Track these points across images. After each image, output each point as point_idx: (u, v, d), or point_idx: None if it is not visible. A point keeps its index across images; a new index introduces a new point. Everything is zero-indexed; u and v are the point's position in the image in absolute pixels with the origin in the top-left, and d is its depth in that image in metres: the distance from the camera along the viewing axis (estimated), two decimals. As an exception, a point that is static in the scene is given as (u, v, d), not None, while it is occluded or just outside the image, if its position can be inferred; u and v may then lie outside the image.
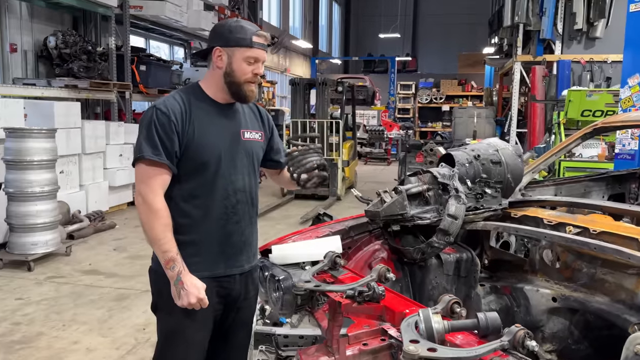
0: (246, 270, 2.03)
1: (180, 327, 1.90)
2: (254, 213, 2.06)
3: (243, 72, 1.87)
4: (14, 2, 7.55)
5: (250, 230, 2.04)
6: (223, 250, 1.94)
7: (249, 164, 2.00)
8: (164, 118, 1.82)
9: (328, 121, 8.96)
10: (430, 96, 21.04)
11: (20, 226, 5.15)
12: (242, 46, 1.86)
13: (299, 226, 7.15)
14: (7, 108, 5.56)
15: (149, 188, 1.81)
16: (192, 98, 1.91)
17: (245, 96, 1.92)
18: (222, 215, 1.92)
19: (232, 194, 1.94)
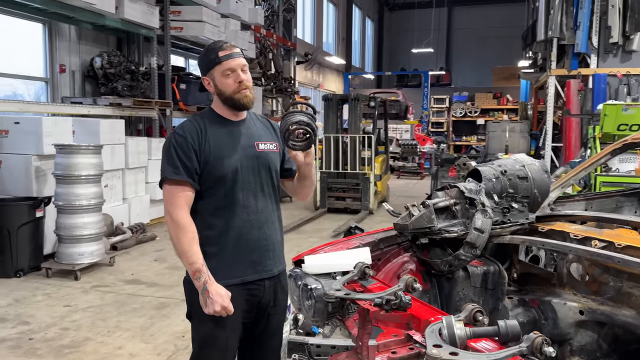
0: (275, 275, 2.14)
1: (213, 334, 2.02)
2: (275, 218, 2.18)
3: (227, 85, 2.02)
4: (63, 25, 8.02)
5: (274, 234, 2.15)
6: (249, 257, 2.06)
7: (267, 173, 2.12)
8: (181, 140, 1.99)
9: (360, 136, 9.08)
10: (464, 110, 20.90)
11: (68, 237, 5.44)
12: (214, 66, 2.01)
13: (331, 239, 7.26)
14: (57, 126, 5.90)
15: (174, 206, 1.98)
16: (206, 120, 2.08)
17: (242, 104, 2.05)
18: (245, 224, 2.05)
19: (252, 203, 2.07)
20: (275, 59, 14.05)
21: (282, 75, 14.21)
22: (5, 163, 5.78)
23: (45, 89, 8.18)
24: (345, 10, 23.68)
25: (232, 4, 10.75)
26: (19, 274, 5.28)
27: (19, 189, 5.74)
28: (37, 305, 4.56)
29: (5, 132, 5.80)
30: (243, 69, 2.03)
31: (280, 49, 14.54)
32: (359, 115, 9.22)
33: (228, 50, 2.01)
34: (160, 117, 8.53)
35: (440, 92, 22.33)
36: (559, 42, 9.46)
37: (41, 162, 5.77)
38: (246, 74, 2.04)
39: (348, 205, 9.26)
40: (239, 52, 2.04)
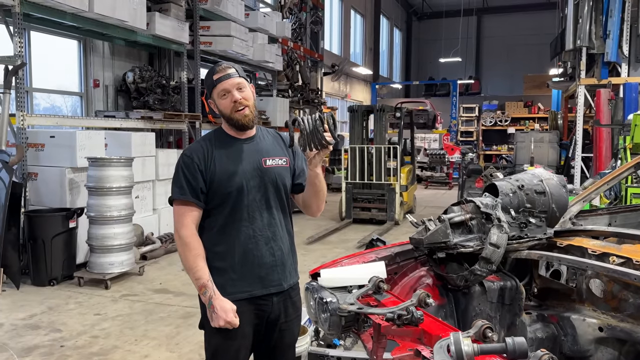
0: (284, 290, 2.18)
1: (223, 345, 2.09)
2: (285, 233, 2.21)
3: (225, 106, 2.08)
4: (97, 42, 8.34)
5: (283, 250, 2.19)
6: (257, 272, 2.11)
7: (274, 189, 2.15)
8: (188, 160, 2.08)
9: (386, 146, 9.09)
10: (494, 118, 20.63)
11: (99, 247, 5.62)
12: (212, 89, 2.10)
13: (356, 250, 7.28)
14: (90, 139, 6.12)
15: (180, 224, 2.07)
16: (214, 139, 2.15)
17: (241, 124, 2.10)
18: (251, 240, 2.10)
19: (258, 219, 2.11)
20: (302, 71, 14.20)
21: (309, 86, 14.35)
22: (41, 175, 6.03)
23: (80, 103, 8.50)
24: (372, 21, 23.78)
25: (260, 18, 10.97)
26: (52, 283, 5.48)
27: (54, 200, 5.97)
28: (69, 313, 4.72)
29: (42, 145, 6.05)
30: (239, 88, 2.07)
31: (307, 60, 14.70)
32: (384, 125, 9.23)
33: (222, 72, 2.07)
34: (189, 129, 8.73)
35: (469, 101, 22.12)
36: (588, 51, 9.29)
37: (75, 174, 5.99)
38: (243, 92, 2.08)
39: (374, 216, 9.25)
40: (234, 72, 2.08)
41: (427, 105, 18.31)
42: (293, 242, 2.30)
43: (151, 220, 7.14)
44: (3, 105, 5.82)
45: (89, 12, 6.46)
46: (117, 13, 6.85)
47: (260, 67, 11.77)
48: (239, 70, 2.11)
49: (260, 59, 10.68)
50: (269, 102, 11.75)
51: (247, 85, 2.12)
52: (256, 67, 11.69)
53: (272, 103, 11.67)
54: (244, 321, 2.05)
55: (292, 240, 2.28)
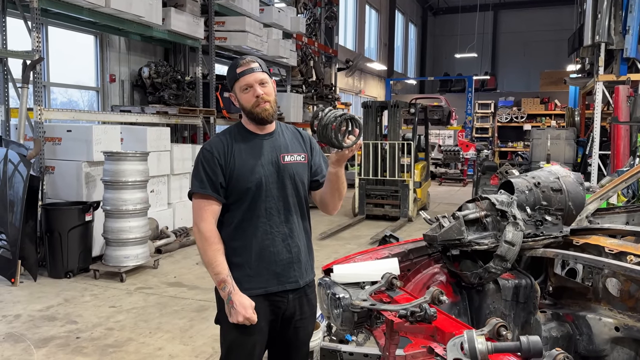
0: (300, 287, 2.18)
1: (239, 340, 2.10)
2: (301, 230, 2.20)
3: (246, 101, 2.08)
4: (113, 37, 8.41)
5: (300, 247, 2.18)
6: (273, 269, 2.11)
7: (292, 185, 2.15)
8: (208, 155, 2.08)
9: (400, 143, 9.05)
10: (510, 115, 20.40)
11: (114, 240, 5.69)
12: (235, 82, 2.09)
13: (368, 246, 7.26)
14: (106, 134, 6.19)
15: (200, 218, 2.07)
16: (234, 134, 2.15)
17: (261, 118, 2.09)
18: (268, 236, 2.10)
19: (276, 215, 2.11)
20: (317, 66, 14.18)
21: (323, 82, 14.32)
22: (58, 169, 6.11)
23: (96, 97, 8.59)
24: (387, 16, 23.63)
25: (275, 14, 10.96)
26: (69, 275, 5.56)
27: (70, 194, 6.05)
28: (85, 305, 4.79)
29: (59, 139, 6.13)
30: (262, 84, 2.07)
31: (321, 56, 14.67)
32: (398, 121, 9.19)
33: (245, 66, 2.06)
34: (204, 124, 8.77)
35: (485, 97, 21.90)
36: (606, 47, 9.12)
37: (91, 168, 6.06)
38: (265, 87, 2.07)
39: (387, 213, 9.23)
40: (257, 67, 2.07)
41: (442, 101, 18.15)
42: (310, 240, 2.29)
43: (166, 214, 7.19)
44: (21, 99, 5.90)
45: (106, 7, 6.51)
46: (133, 8, 6.90)
47: (274, 63, 11.75)
48: (262, 65, 2.11)
49: (274, 54, 10.68)
50: (282, 97, 11.75)
51: (270, 80, 2.11)
52: (270, 62, 11.67)
53: (286, 98, 11.67)
54: (260, 317, 2.07)
55: (309, 238, 2.27)
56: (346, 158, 2.04)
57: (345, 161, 2.06)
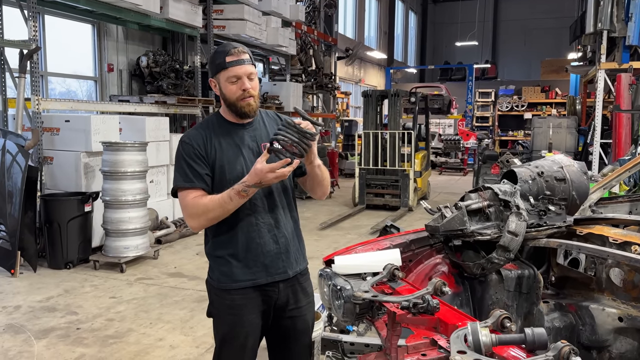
0: (289, 277, 2.13)
1: (231, 332, 2.08)
2: (288, 219, 2.15)
3: (231, 92, 2.00)
4: (111, 26, 8.33)
5: (287, 237, 2.13)
6: (260, 260, 2.06)
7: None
8: (188, 147, 2.02)
9: (400, 132, 9.00)
10: (511, 104, 20.33)
11: (114, 231, 5.67)
12: (221, 70, 1.99)
13: (369, 236, 7.25)
14: (104, 123, 6.14)
15: (200, 207, 1.97)
16: (213, 125, 2.09)
17: (243, 112, 2.03)
18: (254, 227, 2.05)
19: (260, 206, 2.05)
20: (316, 55, 14.08)
21: (322, 71, 14.23)
22: (57, 160, 6.08)
23: (94, 87, 8.52)
24: (387, 4, 23.45)
25: (274, 1, 10.84)
26: (68, 266, 5.55)
27: (69, 184, 6.02)
28: (85, 296, 4.78)
29: (57, 129, 6.09)
30: (250, 77, 2.00)
31: (321, 44, 14.56)
32: (398, 111, 9.14)
33: (236, 56, 1.98)
34: (203, 114, 8.71)
35: (485, 86, 21.82)
36: (609, 35, 9.03)
37: (90, 158, 6.03)
38: (252, 81, 2.01)
39: (387, 202, 9.21)
40: (247, 59, 2.00)
41: (443, 90, 18.08)
42: (298, 228, 2.24)
43: (165, 205, 7.17)
44: (18, 89, 5.85)
45: (103, -5, 6.44)
46: (130, -4, 6.82)
47: (273, 52, 11.68)
48: (251, 57, 2.05)
49: (273, 43, 10.59)
50: (282, 86, 11.69)
51: (256, 74, 2.06)
52: (269, 51, 11.61)
53: (286, 88, 11.61)
54: (250, 308, 2.05)
55: (297, 226, 2.22)
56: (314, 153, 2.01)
57: (315, 155, 2.02)
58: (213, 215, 1.96)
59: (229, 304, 2.07)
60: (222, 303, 2.09)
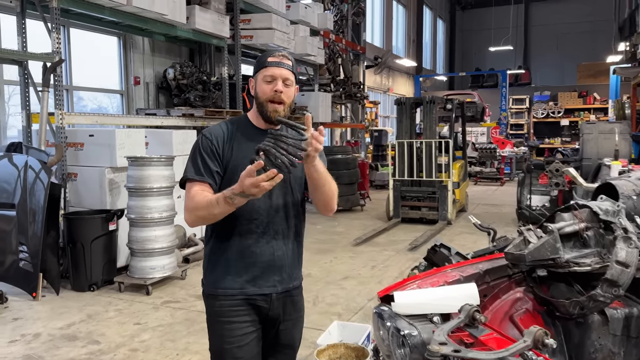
0: (279, 292, 2.04)
1: (223, 345, 2.02)
2: (291, 233, 2.07)
3: (263, 91, 1.96)
4: (137, 38, 8.15)
5: (285, 250, 2.05)
6: (251, 271, 2.00)
7: (284, 184, 1.95)
8: (206, 142, 1.99)
9: (436, 141, 8.54)
10: (547, 110, 19.60)
11: (140, 251, 5.37)
12: (261, 68, 1.98)
13: (407, 253, 6.79)
14: (130, 137, 5.88)
15: (193, 202, 1.90)
16: (237, 126, 2.05)
17: (269, 116, 1.97)
18: (251, 235, 1.99)
19: (262, 214, 1.99)
20: (344, 64, 13.74)
21: (351, 80, 13.88)
22: (81, 176, 5.84)
23: (121, 101, 8.35)
24: (415, 12, 23.05)
25: (302, 10, 10.58)
26: (92, 288, 5.27)
27: (94, 201, 5.77)
28: (108, 322, 4.46)
29: (81, 145, 5.86)
30: (286, 82, 1.96)
31: (349, 53, 14.22)
32: (434, 118, 8.68)
33: (278, 58, 1.97)
34: (230, 126, 8.43)
35: (519, 92, 21.15)
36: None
37: (114, 174, 5.76)
38: (287, 88, 1.96)
39: (424, 215, 8.72)
40: (288, 65, 1.98)
41: (475, 97, 17.50)
42: (300, 244, 2.15)
43: (193, 221, 6.85)
44: (42, 103, 5.65)
45: (128, 5, 6.22)
46: (156, 6, 6.60)
47: (301, 61, 11.38)
48: (294, 66, 2.02)
49: (302, 52, 10.29)
50: (310, 97, 11.36)
51: (294, 84, 2.01)
52: (297, 61, 11.31)
53: (314, 98, 11.28)
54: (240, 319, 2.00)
55: (299, 241, 2.13)
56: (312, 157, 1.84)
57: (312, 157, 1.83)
58: (201, 214, 1.90)
59: (217, 311, 2.03)
60: (211, 310, 2.05)
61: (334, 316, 4.51)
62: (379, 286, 5.30)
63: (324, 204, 2.05)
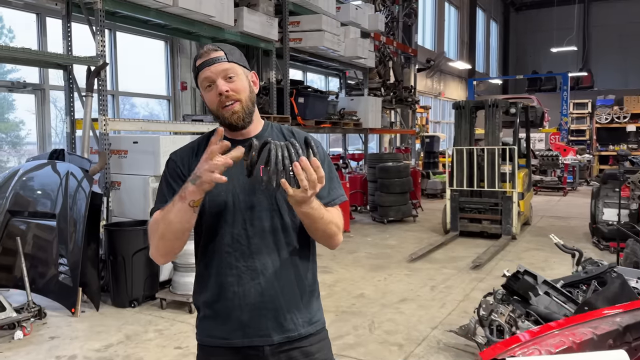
0: (276, 343, 1.60)
1: None
2: (284, 266, 1.63)
3: (210, 101, 1.61)
4: (184, 42, 7.94)
5: (277, 289, 1.62)
6: (237, 316, 1.61)
7: (271, 206, 1.62)
8: (172, 165, 1.70)
9: (500, 148, 7.87)
10: (611, 115, 18.33)
11: (183, 265, 5.02)
12: (196, 77, 1.64)
13: (470, 272, 6.18)
14: (174, 144, 5.57)
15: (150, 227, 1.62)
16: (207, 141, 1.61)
17: (229, 124, 1.62)
18: (233, 271, 1.61)
19: (245, 244, 1.61)
20: (395, 67, 13.22)
21: (401, 84, 13.34)
22: (124, 185, 5.59)
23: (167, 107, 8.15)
24: (468, 13, 22.22)
25: (352, 11, 10.18)
26: (133, 304, 4.97)
27: (137, 211, 5.50)
28: (147, 344, 4.12)
29: (125, 152, 5.62)
30: (227, 77, 1.58)
31: (400, 56, 13.68)
32: (497, 123, 8.02)
33: (205, 56, 1.60)
34: (278, 132, 8.08)
35: (580, 96, 19.92)
36: None
37: (158, 183, 5.47)
38: (232, 81, 1.58)
39: (485, 229, 8.04)
40: (220, 56, 1.58)
41: (534, 101, 16.52)
42: (302, 279, 1.67)
43: (239, 233, 6.51)
44: (85, 109, 5.45)
45: (174, 6, 5.98)
46: (203, 7, 6.33)
47: (350, 65, 10.96)
48: (231, 53, 1.61)
49: (352, 54, 9.86)
50: (360, 101, 10.93)
51: (241, 72, 1.62)
52: (347, 64, 10.90)
53: (364, 103, 10.83)
54: None
55: (300, 275, 1.67)
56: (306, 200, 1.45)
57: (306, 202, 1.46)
58: (160, 231, 1.55)
59: None
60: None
61: (393, 347, 4.00)
62: (441, 311, 4.75)
63: (322, 242, 1.68)
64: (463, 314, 4.62)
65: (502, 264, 6.45)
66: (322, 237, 1.64)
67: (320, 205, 1.53)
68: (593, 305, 3.20)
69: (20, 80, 6.00)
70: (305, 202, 1.44)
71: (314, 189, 1.41)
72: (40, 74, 6.17)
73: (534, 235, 8.21)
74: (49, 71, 6.20)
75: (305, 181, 1.39)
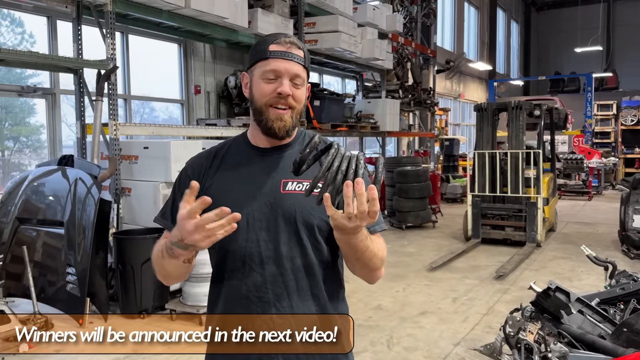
0: None
1: None
2: (303, 298, 1.41)
3: (262, 92, 1.42)
4: (198, 44, 7.81)
5: (292, 324, 1.39)
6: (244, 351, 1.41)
7: (290, 227, 1.41)
8: (183, 175, 1.54)
9: (524, 152, 7.57)
10: (637, 117, 17.79)
11: (194, 275, 4.84)
12: (259, 60, 1.43)
13: (493, 283, 5.89)
14: (186, 149, 5.44)
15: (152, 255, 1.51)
16: (228, 148, 1.53)
17: (269, 128, 1.43)
18: (242, 301, 1.43)
19: (257, 271, 1.42)
20: (414, 69, 12.95)
21: (420, 86, 13.05)
22: (135, 191, 5.46)
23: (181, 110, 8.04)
24: (488, 13, 21.83)
25: (369, 12, 9.96)
26: (142, 314, 4.82)
27: (148, 218, 5.33)
28: (157, 358, 3.94)
29: (135, 157, 5.48)
30: (295, 81, 1.41)
31: (418, 57, 13.41)
32: (521, 126, 7.72)
33: (284, 47, 1.41)
34: (293, 136, 7.90)
35: (605, 98, 19.39)
36: None
37: (169, 189, 5.30)
38: (297, 88, 1.41)
39: (508, 236, 7.74)
40: (299, 56, 1.41)
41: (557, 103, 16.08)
42: (327, 311, 1.42)
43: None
44: (95, 113, 5.32)
45: (186, 8, 5.83)
46: (215, 9, 6.18)
47: (367, 66, 10.72)
48: (308, 58, 1.45)
49: (369, 56, 9.63)
50: (377, 104, 10.68)
51: (305, 83, 1.45)
52: (364, 66, 10.67)
53: (381, 105, 10.59)
54: None
55: (323, 308, 1.42)
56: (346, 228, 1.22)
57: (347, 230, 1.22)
58: (158, 269, 1.51)
59: None
60: None
61: (413, 365, 3.76)
62: (464, 325, 4.50)
63: (359, 275, 1.46)
64: (487, 329, 4.37)
65: (527, 273, 6.16)
66: (361, 270, 1.42)
67: (367, 235, 1.30)
68: (633, 327, 2.92)
69: (38, 85, 5.93)
70: (344, 229, 1.21)
71: (360, 221, 1.17)
72: (51, 78, 6.09)
73: (560, 242, 7.88)
74: (61, 75, 6.11)
75: (352, 207, 1.15)
